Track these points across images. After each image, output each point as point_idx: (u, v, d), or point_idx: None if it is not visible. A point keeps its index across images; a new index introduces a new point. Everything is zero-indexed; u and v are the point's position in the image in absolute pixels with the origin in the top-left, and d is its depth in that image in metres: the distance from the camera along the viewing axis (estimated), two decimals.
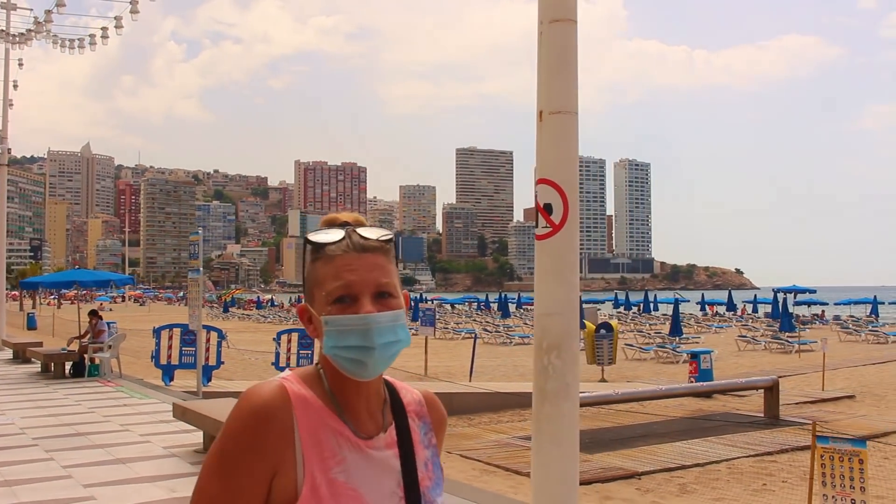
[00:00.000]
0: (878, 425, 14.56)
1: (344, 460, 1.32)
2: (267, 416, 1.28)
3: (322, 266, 1.36)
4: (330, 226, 1.41)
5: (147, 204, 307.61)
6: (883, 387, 19.83)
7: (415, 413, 1.47)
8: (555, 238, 4.29)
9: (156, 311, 72.28)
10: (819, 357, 27.13)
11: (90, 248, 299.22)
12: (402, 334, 1.35)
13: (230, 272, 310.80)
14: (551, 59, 4.35)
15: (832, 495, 7.75)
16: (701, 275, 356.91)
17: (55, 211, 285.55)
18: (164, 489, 7.00)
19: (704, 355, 18.45)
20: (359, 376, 1.34)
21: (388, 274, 1.36)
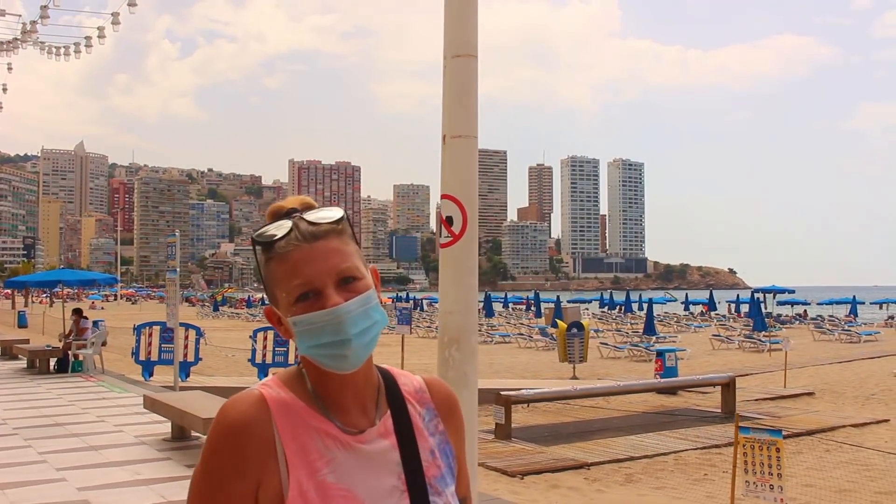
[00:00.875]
0: (828, 420, 15.24)
1: (333, 460, 1.27)
2: (243, 431, 1.24)
3: (276, 265, 1.29)
4: (275, 217, 1.34)
5: (141, 202, 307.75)
6: (843, 385, 20.51)
7: (415, 400, 1.40)
8: (455, 246, 4.93)
9: (147, 309, 72.74)
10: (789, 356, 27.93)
11: (84, 246, 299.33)
12: (376, 315, 1.30)
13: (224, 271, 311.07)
14: (453, 89, 4.99)
15: (753, 481, 8.41)
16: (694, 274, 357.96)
17: (49, 209, 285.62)
18: (129, 472, 7.63)
19: (669, 353, 19.12)
20: (342, 370, 1.28)
21: (346, 257, 1.30)
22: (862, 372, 22.83)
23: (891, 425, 15.01)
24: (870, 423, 15.08)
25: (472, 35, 5.06)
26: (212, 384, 14.61)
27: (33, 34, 19.54)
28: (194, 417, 8.06)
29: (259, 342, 15.76)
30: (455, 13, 5.04)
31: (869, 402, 18.09)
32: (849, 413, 16.32)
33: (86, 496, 6.79)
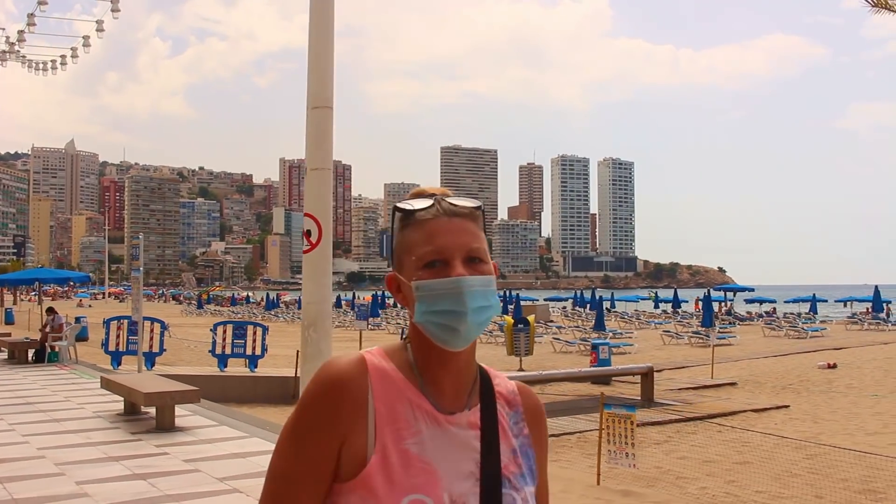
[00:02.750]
0: (732, 406, 16.87)
1: (419, 433, 1.30)
2: (339, 386, 1.28)
3: (412, 232, 1.34)
4: (418, 197, 1.40)
5: (131, 201, 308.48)
6: (767, 376, 22.15)
7: (505, 400, 1.43)
8: (313, 253, 6.52)
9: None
10: (731, 350, 29.68)
11: (74, 244, 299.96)
12: (493, 300, 1.33)
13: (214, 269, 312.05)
14: (313, 133, 6.58)
15: (613, 450, 10.06)
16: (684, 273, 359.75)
17: (39, 208, 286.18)
18: (82, 437, 9.21)
19: (603, 346, 20.74)
20: (450, 344, 1.31)
21: (478, 239, 1.35)
22: (790, 364, 24.47)
23: (789, 411, 16.65)
24: (770, 409, 16.71)
25: (329, 89, 6.65)
26: (174, 372, 16.14)
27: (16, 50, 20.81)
28: (138, 393, 9.65)
29: (219, 335, 17.29)
30: (315, 71, 6.64)
31: (783, 391, 19.73)
32: (757, 400, 17.95)
33: (43, 453, 8.35)
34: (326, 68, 6.64)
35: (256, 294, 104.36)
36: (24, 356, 17.82)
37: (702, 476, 10.59)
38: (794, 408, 16.95)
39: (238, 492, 6.81)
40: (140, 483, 7.13)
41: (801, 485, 10.18)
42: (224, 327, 17.47)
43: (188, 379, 14.48)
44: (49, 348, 17.78)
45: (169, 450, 8.57)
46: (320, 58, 6.64)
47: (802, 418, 15.74)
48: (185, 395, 9.80)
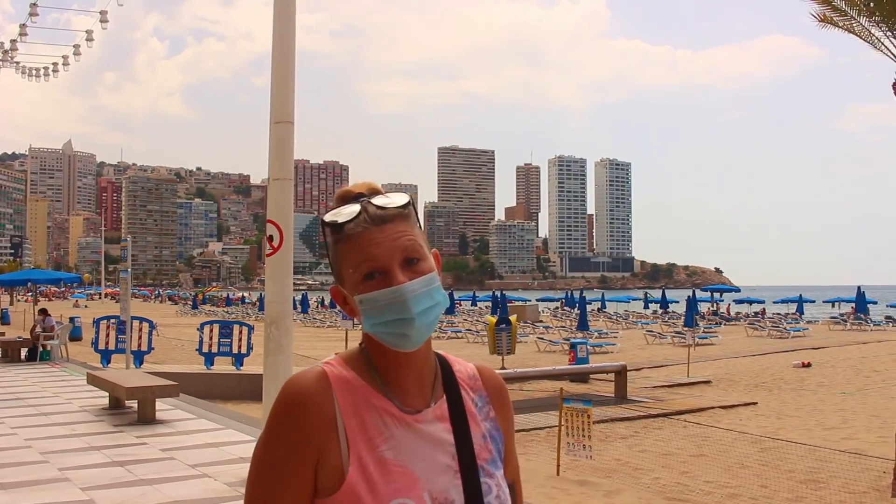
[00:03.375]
0: (701, 403, 17.47)
1: (391, 437, 1.31)
2: (304, 404, 1.29)
3: (344, 246, 1.34)
4: (343, 201, 1.40)
5: (129, 202, 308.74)
6: (741, 374, 22.74)
7: (469, 387, 1.44)
8: (275, 256, 7.09)
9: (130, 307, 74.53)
10: (712, 350, 30.28)
11: (72, 245, 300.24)
12: (438, 296, 1.34)
13: (212, 270, 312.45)
14: (276, 147, 7.16)
15: (572, 442, 10.63)
16: (681, 274, 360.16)
17: (36, 208, 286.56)
18: (67, 429, 9.78)
19: (581, 346, 21.34)
20: (404, 348, 1.32)
21: (412, 240, 1.34)
22: (766, 363, 25.07)
23: (756, 407, 17.24)
24: (737, 406, 17.31)
25: (290, 105, 7.23)
26: (162, 370, 16.70)
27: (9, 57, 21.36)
28: (120, 388, 10.23)
29: (206, 334, 17.85)
30: (277, 87, 7.22)
31: (756, 389, 20.32)
32: (727, 398, 18.54)
33: (30, 444, 8.92)
34: (288, 85, 7.22)
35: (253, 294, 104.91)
36: (17, 355, 18.38)
37: (657, 468, 11.16)
38: (762, 405, 17.54)
39: (207, 476, 7.38)
40: (118, 469, 7.69)
41: (749, 475, 10.77)
42: (211, 327, 18.03)
43: (175, 376, 15.05)
44: (41, 347, 18.34)
45: (148, 440, 9.14)
46: (282, 75, 7.22)
47: (767, 415, 16.32)
48: (164, 390, 10.38)
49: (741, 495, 9.65)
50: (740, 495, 9.65)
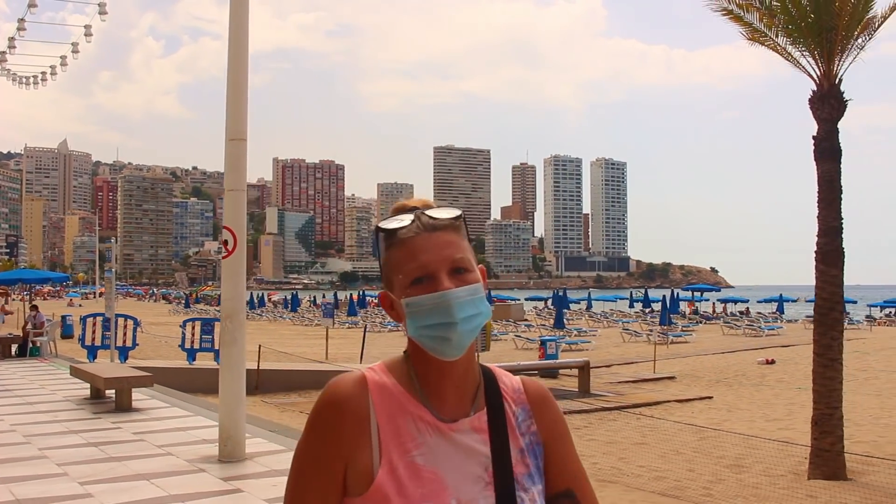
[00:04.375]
0: (658, 397, 18.37)
1: (424, 444, 1.35)
2: (339, 406, 1.34)
3: (396, 251, 1.39)
4: (399, 212, 1.44)
5: (124, 201, 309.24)
6: (706, 370, 23.65)
7: (512, 400, 1.45)
8: (230, 259, 7.98)
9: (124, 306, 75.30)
10: (685, 347, 31.20)
11: (67, 244, 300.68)
12: (482, 307, 1.37)
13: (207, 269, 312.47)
14: (230, 162, 8.04)
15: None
16: (676, 273, 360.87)
17: (32, 207, 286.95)
18: (50, 416, 10.67)
19: (551, 343, 22.24)
20: (445, 354, 1.35)
21: (461, 250, 1.39)
22: (733, 361, 25.99)
23: (711, 401, 18.15)
24: (693, 400, 18.22)
25: (243, 123, 8.12)
26: (145, 365, 17.56)
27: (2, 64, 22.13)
28: (99, 378, 11.12)
29: (188, 330, 18.72)
30: (231, 106, 8.09)
31: (717, 384, 21.22)
32: (686, 392, 19.43)
33: (14, 428, 9.79)
34: (241, 105, 8.10)
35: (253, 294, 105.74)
36: (8, 350, 19.24)
37: (598, 454, 12.05)
38: (718, 399, 18.43)
39: (171, 455, 8.26)
40: (92, 449, 8.57)
41: (681, 461, 11.68)
42: (193, 324, 18.90)
43: (158, 371, 15.93)
44: (31, 343, 19.20)
45: (122, 425, 10.02)
46: (236, 95, 8.11)
47: (719, 408, 17.23)
48: (139, 381, 11.26)
49: (667, 478, 10.55)
50: (666, 478, 10.55)
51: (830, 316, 10.86)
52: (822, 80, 10.81)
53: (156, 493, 6.75)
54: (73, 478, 7.25)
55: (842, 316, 11.31)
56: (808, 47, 10.89)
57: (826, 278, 10.84)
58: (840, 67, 10.85)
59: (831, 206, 10.77)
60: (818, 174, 10.91)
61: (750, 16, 11.10)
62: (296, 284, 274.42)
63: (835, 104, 10.74)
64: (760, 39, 11.40)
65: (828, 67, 10.78)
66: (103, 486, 6.97)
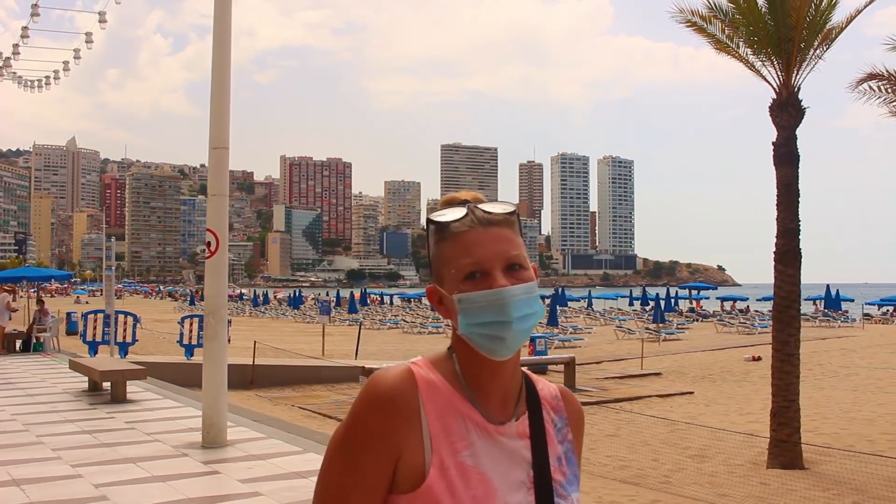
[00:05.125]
0: (639, 392, 18.95)
1: (472, 444, 1.31)
2: (392, 400, 1.29)
3: (448, 245, 1.35)
4: (450, 205, 1.41)
5: (132, 198, 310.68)
6: (693, 367, 24.19)
7: (551, 407, 1.44)
8: (213, 259, 8.59)
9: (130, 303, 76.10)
10: (677, 345, 31.72)
11: (76, 242, 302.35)
12: (536, 306, 1.34)
13: None
14: (213, 168, 8.65)
15: None
16: (683, 271, 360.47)
17: (40, 205, 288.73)
18: (49, 407, 11.31)
19: (540, 339, 22.81)
20: (496, 354, 1.31)
21: (516, 246, 1.34)
22: (721, 357, 26.52)
23: (692, 396, 18.69)
24: (674, 395, 18.77)
25: (226, 132, 8.73)
26: (144, 360, 18.21)
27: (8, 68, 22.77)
28: (95, 371, 11.76)
29: (186, 327, 19.38)
30: (215, 116, 8.70)
31: (702, 380, 21.78)
32: (669, 388, 19.98)
33: (15, 417, 10.43)
34: (224, 115, 8.72)
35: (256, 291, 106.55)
36: (13, 346, 19.93)
37: None
38: (698, 394, 18.98)
39: (158, 441, 8.88)
40: (85, 436, 9.21)
41: (647, 451, 12.27)
42: (191, 320, 19.56)
43: (156, 366, 16.61)
44: (35, 339, 19.89)
45: (116, 415, 10.65)
46: (219, 106, 8.72)
47: (698, 403, 17.78)
48: (134, 373, 11.90)
49: (631, 467, 11.15)
50: (630, 467, 11.14)
51: (788, 313, 11.44)
52: (781, 89, 11.37)
53: (140, 475, 7.37)
54: (65, 461, 7.88)
55: (798, 313, 11.90)
56: (769, 57, 11.44)
57: (784, 278, 11.41)
58: (798, 77, 11.41)
59: (789, 209, 11.32)
60: (777, 178, 11.48)
61: (713, 27, 11.66)
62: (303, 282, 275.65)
63: (793, 112, 11.30)
64: (725, 49, 11.96)
65: (787, 77, 11.34)
66: (93, 468, 7.60)
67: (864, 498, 9.63)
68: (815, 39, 11.35)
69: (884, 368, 23.05)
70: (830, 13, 11.42)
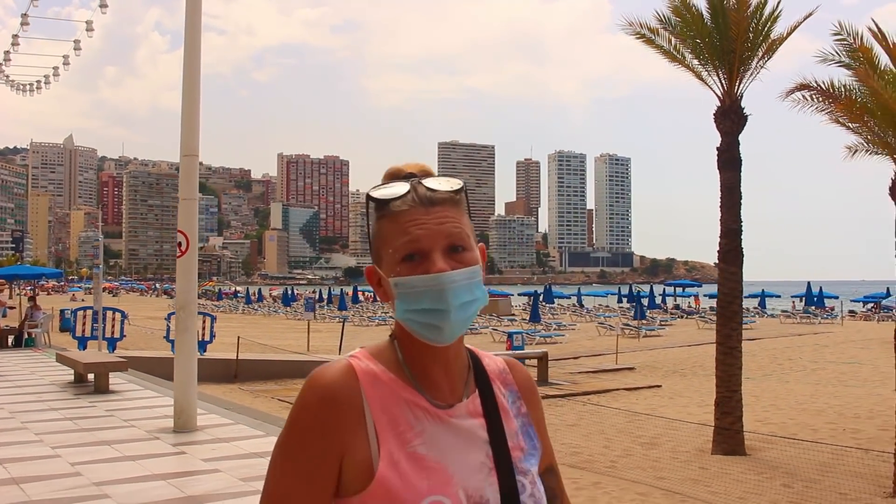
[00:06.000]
0: (608, 385, 19.65)
1: (423, 433, 1.27)
2: (331, 398, 1.24)
3: (387, 223, 1.29)
4: (393, 178, 1.33)
5: (130, 196, 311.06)
6: (667, 362, 24.89)
7: (500, 381, 1.40)
8: (184, 258, 9.31)
9: (126, 301, 76.86)
10: (656, 340, 32.45)
11: (73, 239, 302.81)
12: (478, 292, 1.28)
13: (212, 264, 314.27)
14: (183, 175, 9.36)
15: None
16: (680, 269, 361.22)
17: (37, 203, 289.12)
18: (35, 397, 12.02)
19: (517, 335, 23.54)
20: (435, 342, 1.26)
21: (459, 225, 1.28)
22: (695, 353, 27.21)
23: (658, 390, 19.42)
24: (642, 388, 19.50)
25: (196, 140, 9.43)
26: (131, 355, 18.91)
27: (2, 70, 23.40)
28: (79, 363, 12.50)
29: (172, 323, 20.01)
30: (185, 124, 9.40)
31: (672, 374, 22.49)
32: (639, 381, 20.69)
33: (3, 406, 11.15)
34: (194, 123, 9.42)
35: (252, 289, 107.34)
36: (5, 341, 20.65)
37: None
38: (666, 388, 19.69)
39: (134, 427, 9.61)
40: (67, 422, 9.93)
41: (601, 439, 12.99)
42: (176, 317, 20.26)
43: (143, 360, 17.32)
44: (26, 335, 20.61)
45: (97, 404, 11.37)
46: (189, 114, 9.42)
47: (663, 395, 18.50)
48: (115, 366, 12.63)
49: (582, 453, 11.86)
50: (581, 453, 11.86)
51: (730, 308, 12.16)
52: (725, 97, 12.09)
53: (113, 455, 8.09)
54: (46, 444, 8.60)
55: (740, 309, 12.62)
56: (713, 68, 12.15)
57: (726, 275, 12.15)
58: (741, 86, 12.12)
59: (731, 211, 12.05)
60: (720, 182, 12.20)
61: (661, 39, 12.36)
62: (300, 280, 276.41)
63: (735, 119, 12.02)
64: (674, 60, 12.66)
65: (730, 86, 12.06)
66: (71, 449, 8.31)
67: (792, 480, 10.35)
68: (756, 50, 12.05)
69: (850, 363, 23.78)
70: (772, 25, 12.13)
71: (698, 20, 11.93)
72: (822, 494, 9.71)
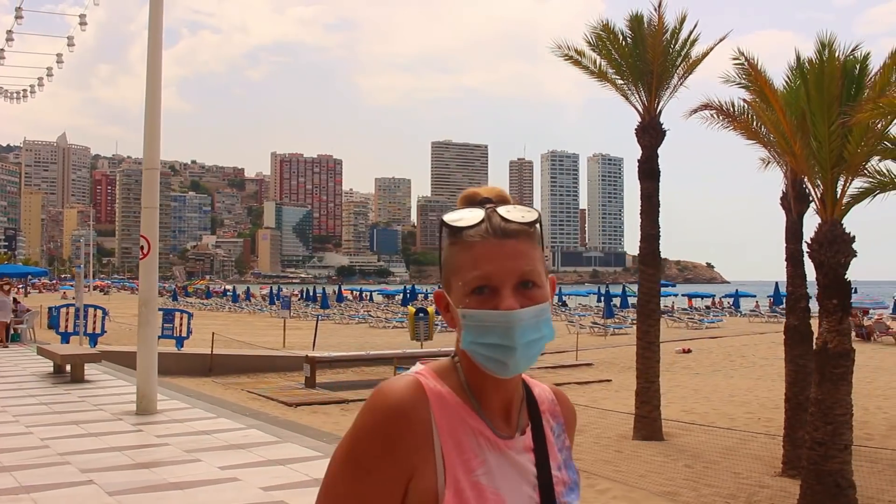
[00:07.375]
0: (560, 379, 20.75)
1: (485, 462, 1.25)
2: (403, 415, 1.21)
3: (459, 252, 1.27)
4: (468, 203, 1.33)
5: (123, 195, 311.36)
6: (625, 359, 25.87)
7: (549, 413, 1.40)
8: (146, 260, 10.51)
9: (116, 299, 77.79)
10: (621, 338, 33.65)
11: (66, 238, 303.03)
12: (545, 330, 1.26)
13: (205, 263, 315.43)
14: (145, 185, 10.56)
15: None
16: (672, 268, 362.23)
17: (30, 201, 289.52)
18: (16, 386, 13.21)
19: None
20: (498, 374, 1.25)
21: (531, 261, 1.26)
22: None
23: (608, 384, 20.57)
24: (593, 382, 20.69)
25: (157, 154, 10.62)
26: (112, 350, 20.07)
27: None
28: (57, 355, 13.69)
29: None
30: (148, 140, 10.59)
31: (627, 370, 23.53)
32: (594, 376, 21.88)
33: None
34: (155, 138, 10.60)
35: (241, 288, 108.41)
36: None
37: None
38: (616, 382, 20.84)
39: (101, 410, 10.80)
40: (42, 406, 11.12)
41: None
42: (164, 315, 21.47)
43: (122, 355, 18.46)
44: (13, 331, 21.76)
45: (72, 391, 12.55)
46: (151, 130, 10.60)
47: (610, 389, 19.67)
48: (90, 357, 13.84)
49: None
50: None
51: (648, 307, 13.38)
52: (645, 114, 13.30)
53: (79, 432, 9.28)
54: (21, 424, 9.78)
55: (658, 307, 13.84)
56: (635, 87, 13.37)
57: (645, 276, 13.37)
58: (660, 104, 13.34)
59: (650, 218, 13.26)
60: (640, 191, 13.41)
61: (587, 60, 13.54)
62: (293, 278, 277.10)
63: (654, 133, 13.23)
64: (602, 78, 13.87)
65: (649, 103, 13.27)
66: (42, 428, 9.50)
67: (695, 462, 11.54)
68: (675, 71, 13.26)
69: None
70: (690, 48, 13.35)
71: (620, 43, 13.14)
72: (717, 474, 10.88)
